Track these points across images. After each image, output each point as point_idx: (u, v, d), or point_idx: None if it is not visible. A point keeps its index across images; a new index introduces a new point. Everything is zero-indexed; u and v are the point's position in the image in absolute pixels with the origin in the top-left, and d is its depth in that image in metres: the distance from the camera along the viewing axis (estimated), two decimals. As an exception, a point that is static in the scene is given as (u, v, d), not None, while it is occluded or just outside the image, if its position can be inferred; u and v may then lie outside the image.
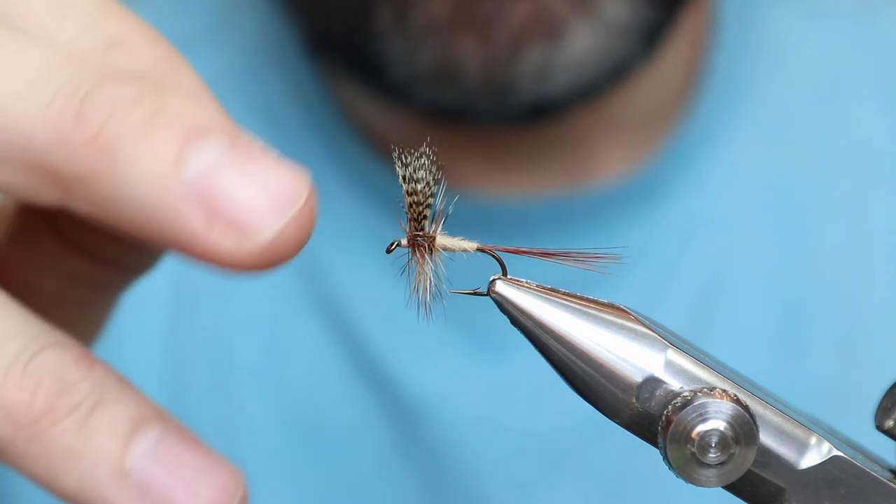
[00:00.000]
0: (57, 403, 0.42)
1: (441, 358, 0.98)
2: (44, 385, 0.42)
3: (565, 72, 0.90)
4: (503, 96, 0.91)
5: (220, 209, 0.41)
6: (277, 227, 0.41)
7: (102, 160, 0.41)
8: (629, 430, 0.46)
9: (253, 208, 0.41)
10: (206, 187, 0.41)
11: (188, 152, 0.41)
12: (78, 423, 0.42)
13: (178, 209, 0.41)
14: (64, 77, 0.43)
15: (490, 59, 0.89)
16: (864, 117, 1.04)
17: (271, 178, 0.41)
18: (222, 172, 0.41)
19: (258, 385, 0.99)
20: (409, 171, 0.47)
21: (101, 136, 0.41)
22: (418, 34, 0.90)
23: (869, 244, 1.01)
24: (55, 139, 0.42)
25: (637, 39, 0.92)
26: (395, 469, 0.98)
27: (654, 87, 1.01)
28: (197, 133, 0.41)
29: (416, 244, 0.48)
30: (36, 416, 0.42)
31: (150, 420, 0.43)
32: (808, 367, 0.99)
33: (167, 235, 0.42)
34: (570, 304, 0.45)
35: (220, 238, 0.41)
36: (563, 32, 0.89)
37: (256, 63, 1.04)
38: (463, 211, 0.50)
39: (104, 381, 0.43)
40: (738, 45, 1.04)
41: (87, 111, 0.42)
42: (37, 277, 0.51)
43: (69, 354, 0.43)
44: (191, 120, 0.42)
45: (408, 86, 0.92)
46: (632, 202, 1.00)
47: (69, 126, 0.42)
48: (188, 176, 0.41)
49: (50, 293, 0.51)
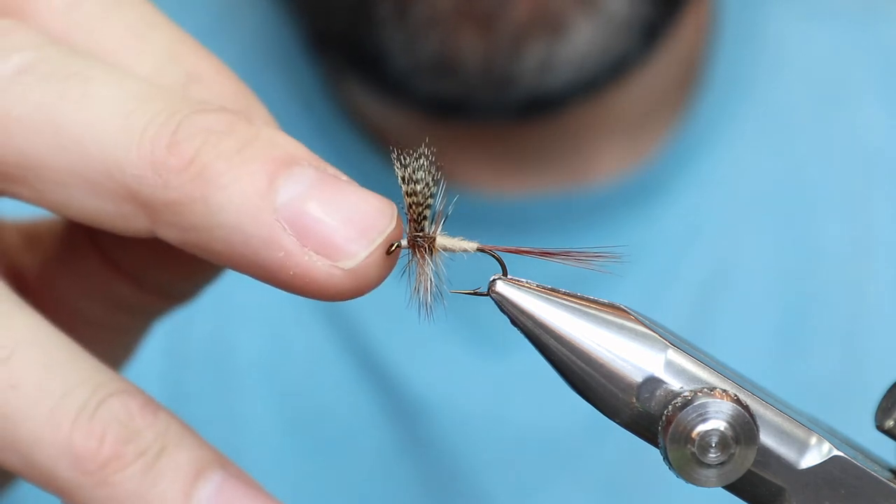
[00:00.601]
0: (123, 450, 0.44)
1: (442, 355, 0.98)
2: (111, 432, 0.44)
3: (566, 66, 0.90)
4: (503, 89, 0.91)
5: (311, 234, 0.43)
6: (366, 253, 0.43)
7: (196, 187, 0.43)
8: (629, 430, 0.46)
9: (343, 235, 0.43)
10: (298, 214, 0.43)
11: (280, 180, 0.43)
12: (144, 470, 0.44)
13: (271, 234, 0.43)
14: (156, 107, 0.44)
15: (491, 52, 0.90)
16: (865, 117, 1.04)
17: (359, 206, 0.43)
18: (313, 200, 0.43)
19: (259, 384, 0.99)
20: (409, 171, 0.47)
21: (195, 164, 0.43)
22: (419, 27, 0.90)
23: (870, 243, 1.01)
24: (149, 166, 0.43)
25: (637, 34, 0.92)
26: (397, 467, 0.98)
27: (655, 86, 1.01)
28: (288, 162, 0.43)
29: (417, 245, 0.48)
30: (103, 462, 0.43)
31: (212, 466, 0.45)
32: (810, 366, 0.99)
33: (259, 260, 0.43)
34: (570, 303, 0.45)
35: (311, 262, 0.43)
36: (565, 27, 0.89)
37: (257, 60, 1.04)
38: (463, 209, 0.50)
39: (168, 428, 0.45)
40: (738, 44, 1.04)
41: (181, 140, 0.43)
42: (81, 302, 0.53)
43: (135, 402, 0.45)
44: (282, 149, 0.44)
45: (408, 77, 0.92)
46: (632, 201, 1.00)
47: (163, 154, 0.43)
48: (280, 202, 0.43)
49: (92, 318, 0.53)
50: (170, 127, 0.44)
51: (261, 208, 0.42)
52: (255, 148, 0.43)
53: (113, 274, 0.52)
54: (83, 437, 0.43)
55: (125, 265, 0.52)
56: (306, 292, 0.43)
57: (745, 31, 1.05)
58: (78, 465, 0.43)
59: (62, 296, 0.52)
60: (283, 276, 0.43)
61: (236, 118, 0.44)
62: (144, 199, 0.43)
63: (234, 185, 0.43)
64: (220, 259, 0.44)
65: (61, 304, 0.52)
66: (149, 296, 0.53)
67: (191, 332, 0.99)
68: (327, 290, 0.43)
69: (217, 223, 0.43)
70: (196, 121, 0.44)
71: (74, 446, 0.43)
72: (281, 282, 0.43)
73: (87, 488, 0.43)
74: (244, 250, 0.43)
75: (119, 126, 0.44)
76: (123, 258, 0.52)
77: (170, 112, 0.44)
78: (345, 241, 0.43)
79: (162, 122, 0.44)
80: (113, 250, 0.52)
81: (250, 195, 0.43)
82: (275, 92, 1.03)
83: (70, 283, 0.52)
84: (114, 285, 0.52)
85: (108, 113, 0.44)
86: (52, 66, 0.45)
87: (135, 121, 0.44)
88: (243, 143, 0.43)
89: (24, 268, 0.53)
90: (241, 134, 0.44)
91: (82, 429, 0.43)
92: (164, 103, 0.44)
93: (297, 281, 0.43)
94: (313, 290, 0.43)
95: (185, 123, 0.44)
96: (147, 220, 0.44)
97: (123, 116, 0.44)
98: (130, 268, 0.52)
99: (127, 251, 0.51)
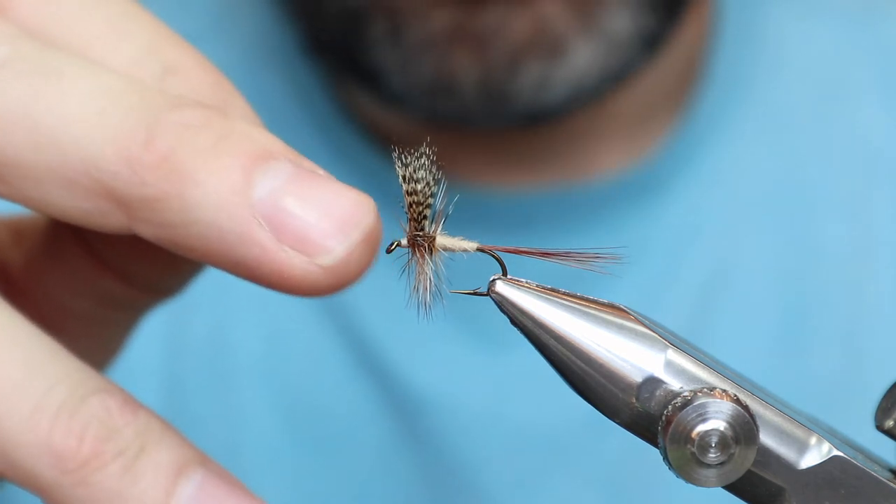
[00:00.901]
0: (103, 449, 0.43)
1: (442, 351, 0.98)
2: (91, 430, 0.43)
3: (564, 85, 0.90)
4: (500, 106, 0.91)
5: (288, 230, 0.42)
6: (344, 248, 0.42)
7: (171, 182, 0.42)
8: (629, 430, 0.46)
9: (320, 230, 0.42)
10: (274, 209, 0.42)
11: (256, 175, 0.42)
12: (123, 468, 0.43)
13: (247, 230, 0.42)
14: (131, 102, 0.44)
15: (487, 74, 0.89)
16: (866, 116, 1.04)
17: (337, 201, 0.43)
18: (289, 195, 0.42)
19: (258, 379, 0.99)
20: (409, 171, 0.47)
21: (171, 159, 0.43)
22: (413, 48, 0.89)
23: (871, 241, 1.01)
24: (124, 162, 0.43)
25: (638, 47, 0.91)
26: (396, 463, 0.98)
27: (655, 87, 1.01)
28: (264, 157, 0.43)
29: (417, 244, 0.48)
30: (83, 460, 0.43)
31: (192, 464, 0.44)
32: (810, 364, 0.99)
33: (235, 257, 0.43)
34: (570, 303, 0.45)
35: (287, 258, 0.42)
36: (564, 49, 0.89)
37: (256, 60, 1.04)
38: (463, 206, 0.50)
39: (148, 427, 0.44)
40: (739, 43, 1.04)
41: (156, 135, 0.43)
42: (68, 297, 0.52)
43: (114, 400, 0.44)
44: (258, 144, 0.43)
45: (404, 95, 0.92)
46: (632, 198, 1.00)
47: (138, 149, 0.43)
48: (256, 197, 0.42)
49: (79, 312, 0.52)
50: (145, 122, 0.43)
51: (236, 204, 0.42)
52: (231, 142, 0.43)
53: (99, 268, 0.52)
54: (63, 435, 0.43)
55: (111, 260, 0.52)
56: (283, 288, 0.43)
57: (745, 30, 1.05)
58: (58, 464, 0.43)
59: (48, 290, 0.52)
60: (259, 273, 0.43)
61: (212, 113, 0.44)
62: (120, 195, 0.43)
63: (209, 181, 0.42)
64: (197, 255, 0.43)
65: (47, 298, 0.52)
66: (135, 290, 0.53)
67: (190, 328, 0.99)
68: (305, 286, 0.43)
69: (193, 219, 0.42)
70: (171, 116, 0.43)
71: (54, 445, 0.43)
72: (258, 278, 0.43)
73: (67, 487, 0.43)
74: (220, 246, 0.43)
75: (94, 122, 0.43)
76: (109, 253, 0.52)
77: (145, 107, 0.44)
78: (321, 236, 0.42)
79: (137, 118, 0.43)
80: (98, 245, 0.52)
81: (225, 191, 0.42)
82: (274, 90, 1.03)
83: (56, 277, 0.52)
84: (100, 280, 0.52)
85: (83, 109, 0.44)
86: (28, 61, 0.44)
87: (110, 117, 0.43)
88: (218, 137, 0.43)
89: (9, 262, 0.53)
90: (217, 129, 0.43)
91: (62, 427, 0.43)
92: (139, 98, 0.44)
93: (273, 277, 0.43)
94: (290, 286, 0.43)
95: (161, 119, 0.43)
96: (124, 217, 0.44)
97: (98, 112, 0.43)
98: (116, 262, 0.52)
99: (112, 246, 0.51)
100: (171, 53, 0.48)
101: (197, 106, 0.44)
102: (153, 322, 1.01)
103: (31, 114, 0.44)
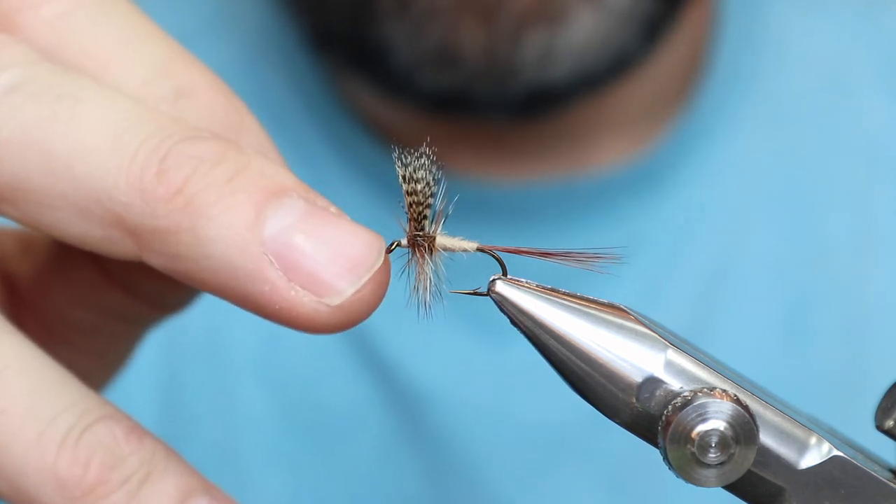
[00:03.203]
0: (108, 477, 0.44)
1: (443, 346, 0.98)
2: (96, 458, 0.44)
3: (567, 56, 0.90)
4: (504, 81, 0.91)
5: (298, 269, 0.42)
6: (354, 289, 0.43)
7: (183, 216, 0.43)
8: (629, 430, 0.46)
9: (330, 271, 0.43)
10: (285, 247, 0.42)
11: (268, 211, 0.43)
12: (128, 496, 0.44)
13: (257, 267, 0.42)
14: (146, 132, 0.44)
15: (492, 43, 0.89)
16: (868, 109, 1.04)
17: (347, 241, 0.43)
18: (301, 233, 0.43)
19: (256, 378, 0.99)
20: (410, 171, 0.47)
21: (184, 193, 0.43)
22: (420, 20, 0.90)
23: (873, 235, 1.01)
24: (137, 194, 0.43)
25: (638, 29, 0.92)
26: (397, 457, 0.98)
27: (657, 78, 1.01)
28: (277, 193, 0.43)
29: (417, 244, 0.48)
30: (88, 488, 0.43)
31: (197, 492, 0.44)
32: (812, 359, 0.99)
33: (244, 292, 0.43)
34: (569, 303, 0.45)
35: (297, 297, 0.43)
36: (566, 17, 0.89)
37: (257, 56, 1.04)
38: (465, 198, 0.50)
39: (153, 454, 0.45)
40: (741, 37, 1.04)
41: (170, 167, 0.43)
42: (74, 309, 0.52)
43: (120, 428, 0.45)
44: (271, 180, 0.43)
45: (409, 72, 0.92)
46: (635, 190, 1.00)
47: (151, 181, 0.43)
48: (268, 235, 0.42)
49: (85, 326, 0.52)
50: (159, 154, 0.43)
51: (248, 241, 0.42)
52: (245, 178, 0.43)
53: (106, 283, 0.52)
54: (68, 462, 0.43)
55: (118, 274, 0.52)
56: (292, 326, 0.43)
57: (748, 24, 1.04)
58: (63, 491, 0.43)
59: (55, 303, 0.52)
60: (268, 309, 0.43)
61: (227, 146, 0.44)
62: (132, 225, 0.43)
63: (221, 217, 0.42)
64: (206, 287, 0.44)
65: (54, 310, 0.52)
66: (142, 305, 0.53)
67: (188, 324, 0.99)
68: (313, 324, 0.43)
69: (204, 254, 0.43)
70: (186, 148, 0.43)
71: (60, 472, 0.43)
72: (266, 314, 0.43)
73: None
74: (230, 281, 0.43)
75: (108, 150, 0.43)
76: (117, 268, 0.52)
77: (160, 137, 0.44)
78: (332, 277, 0.43)
79: (152, 149, 0.43)
80: (106, 260, 0.52)
81: (238, 227, 0.42)
82: (274, 86, 1.03)
83: (63, 291, 0.52)
84: (107, 294, 0.52)
85: (97, 136, 0.43)
86: (42, 85, 0.44)
87: (124, 146, 0.43)
88: (233, 172, 0.43)
89: (17, 274, 0.53)
90: (231, 163, 0.43)
91: (68, 454, 0.43)
92: (154, 127, 0.44)
93: (283, 314, 0.43)
94: (299, 324, 0.43)
95: (175, 150, 0.43)
96: (134, 246, 0.44)
97: (113, 140, 0.43)
98: (124, 278, 0.52)
99: (120, 262, 0.51)
100: (183, 75, 0.48)
101: (212, 139, 0.44)
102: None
103: (45, 139, 0.44)
